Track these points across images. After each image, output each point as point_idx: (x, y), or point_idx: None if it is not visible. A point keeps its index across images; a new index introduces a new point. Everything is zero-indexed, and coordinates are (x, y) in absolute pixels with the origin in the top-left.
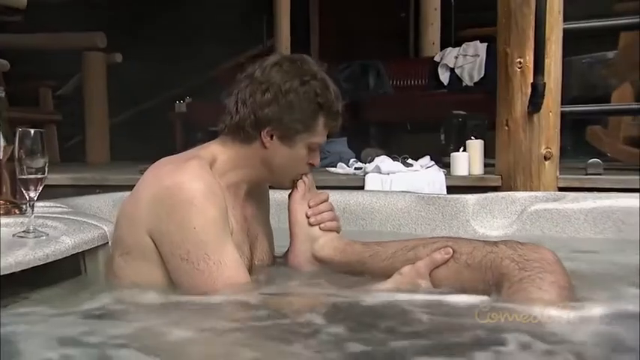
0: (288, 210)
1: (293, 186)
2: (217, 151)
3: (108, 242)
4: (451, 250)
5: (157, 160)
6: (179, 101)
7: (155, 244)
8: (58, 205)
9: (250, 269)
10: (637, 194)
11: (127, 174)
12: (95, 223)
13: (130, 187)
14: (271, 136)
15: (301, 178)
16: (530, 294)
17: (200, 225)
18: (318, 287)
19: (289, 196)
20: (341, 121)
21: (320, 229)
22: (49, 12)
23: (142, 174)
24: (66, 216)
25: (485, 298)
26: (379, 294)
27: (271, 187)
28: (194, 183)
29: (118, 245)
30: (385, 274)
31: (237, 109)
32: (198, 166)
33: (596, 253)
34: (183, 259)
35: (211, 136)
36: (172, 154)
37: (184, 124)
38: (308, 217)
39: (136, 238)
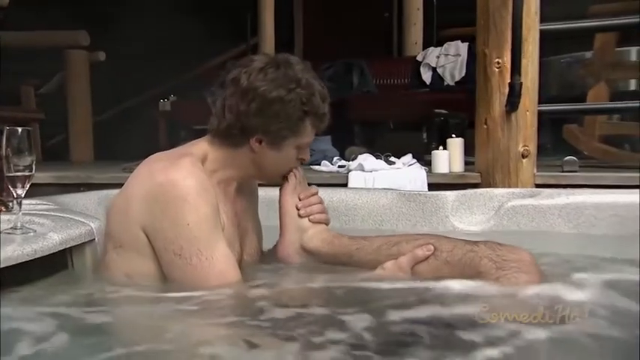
0: (279, 202)
1: (284, 180)
2: (208, 149)
3: (95, 238)
4: (432, 248)
5: (142, 158)
6: (163, 100)
7: (149, 239)
8: (45, 202)
9: (240, 263)
10: (610, 191)
11: (111, 172)
12: (82, 219)
13: (114, 186)
14: (260, 142)
15: (292, 172)
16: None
17: (193, 221)
18: (306, 280)
19: (280, 188)
20: (328, 119)
21: (309, 220)
22: (32, 10)
23: (127, 172)
24: (53, 213)
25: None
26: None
27: (261, 185)
28: (187, 180)
29: (110, 239)
30: (369, 267)
31: (224, 114)
32: (191, 163)
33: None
34: (177, 255)
35: (196, 135)
36: (153, 153)
37: (169, 123)
38: (298, 209)
39: (130, 232)
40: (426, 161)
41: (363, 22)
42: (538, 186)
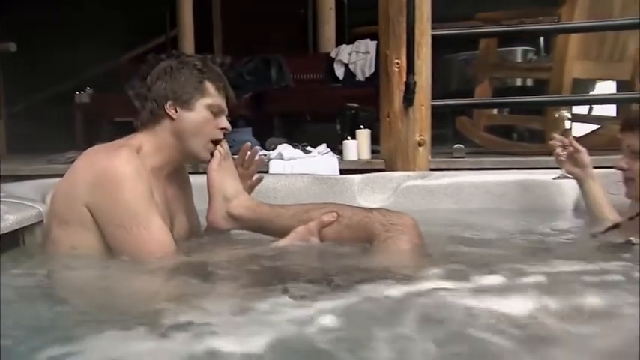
0: (207, 175)
1: (210, 156)
2: (141, 140)
3: (43, 220)
4: (336, 214)
5: (63, 151)
6: (79, 92)
7: (92, 216)
8: None
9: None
10: (483, 172)
11: (36, 165)
12: (31, 204)
13: (41, 177)
14: (175, 109)
15: (216, 149)
16: (392, 249)
17: (132, 198)
18: (230, 247)
19: (208, 164)
20: (228, 86)
21: (249, 172)
22: None
23: (52, 164)
24: (4, 199)
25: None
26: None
27: (192, 174)
28: (126, 166)
29: (54, 217)
30: (286, 231)
31: (142, 105)
32: (128, 152)
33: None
34: (118, 227)
35: (117, 127)
36: (73, 145)
37: (86, 115)
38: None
39: (75, 210)
40: (338, 150)
41: (280, 17)
42: (433, 170)
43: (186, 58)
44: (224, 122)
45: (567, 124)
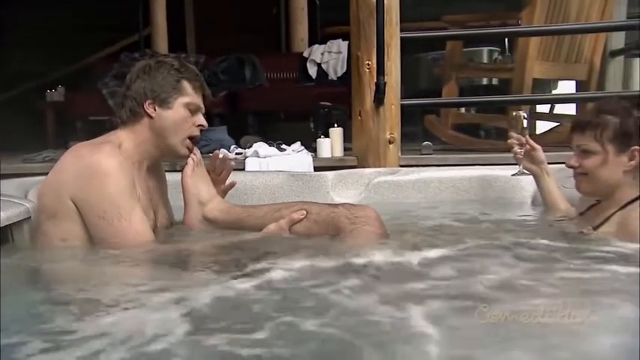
0: (182, 182)
1: (185, 163)
2: (121, 137)
3: (30, 216)
4: (305, 212)
5: (37, 150)
6: (50, 90)
7: (77, 208)
8: None
9: (155, 229)
10: (449, 168)
11: (14, 163)
12: (19, 201)
13: (16, 175)
14: (153, 108)
15: (190, 157)
16: (356, 240)
17: (115, 191)
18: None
19: (182, 171)
20: (205, 86)
21: (221, 178)
22: None
23: (27, 163)
24: None
25: None
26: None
27: (168, 172)
28: (110, 160)
29: (43, 212)
30: (258, 229)
31: (122, 104)
32: (110, 148)
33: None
34: (101, 218)
35: (92, 126)
36: (45, 144)
37: (59, 114)
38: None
39: (62, 204)
40: (312, 148)
41: (252, 17)
42: (402, 166)
43: (163, 58)
44: (201, 119)
45: (525, 123)
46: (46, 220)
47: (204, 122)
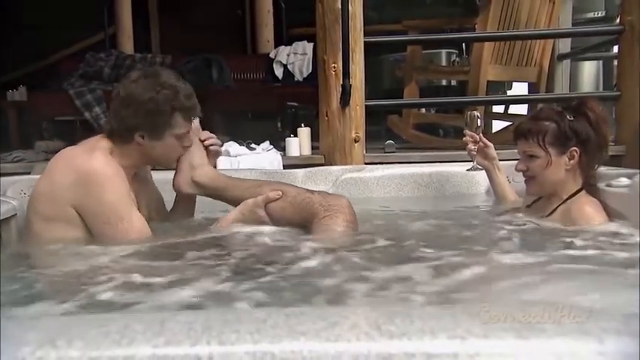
0: None
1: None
2: (110, 146)
3: (16, 213)
4: (281, 192)
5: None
6: (12, 90)
7: (79, 214)
8: None
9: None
10: (410, 165)
11: None
12: (5, 199)
13: None
14: (142, 137)
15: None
16: (329, 226)
17: (115, 198)
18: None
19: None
20: (198, 108)
21: (210, 148)
22: None
23: None
24: None
25: None
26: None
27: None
28: (107, 168)
29: (36, 214)
30: (239, 201)
31: (111, 120)
32: (104, 155)
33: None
34: (105, 223)
35: (57, 126)
36: (8, 145)
37: (22, 114)
38: (203, 140)
39: (60, 209)
40: (281, 147)
41: (217, 18)
42: (367, 164)
43: (159, 86)
44: (188, 141)
45: (479, 122)
46: (40, 221)
47: (190, 143)
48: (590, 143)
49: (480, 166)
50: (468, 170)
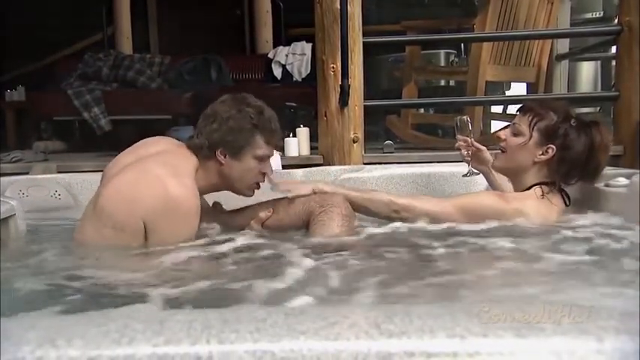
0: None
1: (251, 194)
2: (196, 165)
3: (15, 213)
4: (272, 210)
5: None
6: (10, 90)
7: (145, 229)
8: None
9: None
10: (410, 165)
11: None
12: (4, 199)
13: None
14: (224, 155)
15: (258, 187)
16: (325, 222)
17: (185, 231)
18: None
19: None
20: (279, 135)
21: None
22: None
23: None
24: None
25: None
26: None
27: None
28: (191, 200)
29: (109, 219)
30: (242, 228)
31: (197, 136)
32: (191, 184)
33: None
34: (162, 241)
35: (55, 126)
36: (6, 144)
37: (20, 114)
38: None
39: (133, 221)
40: (280, 147)
41: (216, 18)
42: (366, 164)
43: (245, 107)
44: (267, 167)
45: (469, 127)
46: (109, 227)
47: (269, 170)
48: (571, 154)
49: (475, 171)
50: (463, 176)
